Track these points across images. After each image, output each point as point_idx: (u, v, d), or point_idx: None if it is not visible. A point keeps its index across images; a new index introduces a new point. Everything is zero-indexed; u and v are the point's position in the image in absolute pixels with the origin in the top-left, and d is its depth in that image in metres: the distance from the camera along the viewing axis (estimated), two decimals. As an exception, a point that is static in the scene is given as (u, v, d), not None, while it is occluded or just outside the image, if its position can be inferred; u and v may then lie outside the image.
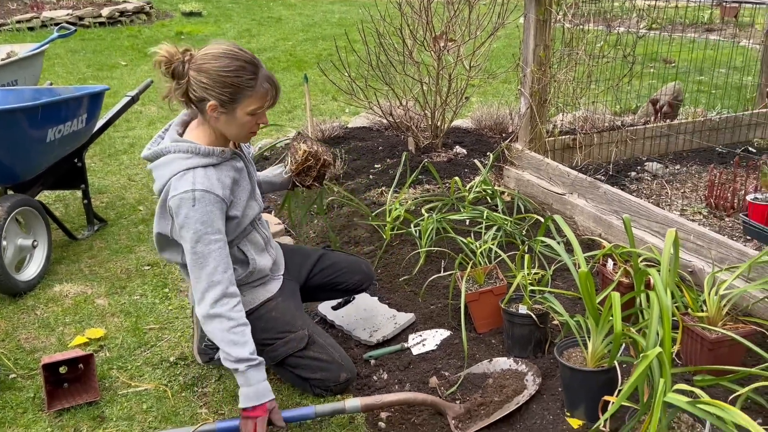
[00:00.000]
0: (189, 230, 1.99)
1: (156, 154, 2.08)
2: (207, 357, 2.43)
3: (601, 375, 1.92)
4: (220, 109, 2.00)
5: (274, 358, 2.23)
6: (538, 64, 3.34)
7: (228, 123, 2.04)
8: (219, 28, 10.79)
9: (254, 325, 2.10)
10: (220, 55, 1.99)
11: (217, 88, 1.97)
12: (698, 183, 3.96)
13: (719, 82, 6.45)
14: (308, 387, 2.25)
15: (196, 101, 2.02)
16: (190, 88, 2.00)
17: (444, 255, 2.93)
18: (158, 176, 2.07)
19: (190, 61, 1.99)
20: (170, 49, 2.00)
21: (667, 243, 1.86)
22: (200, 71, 1.97)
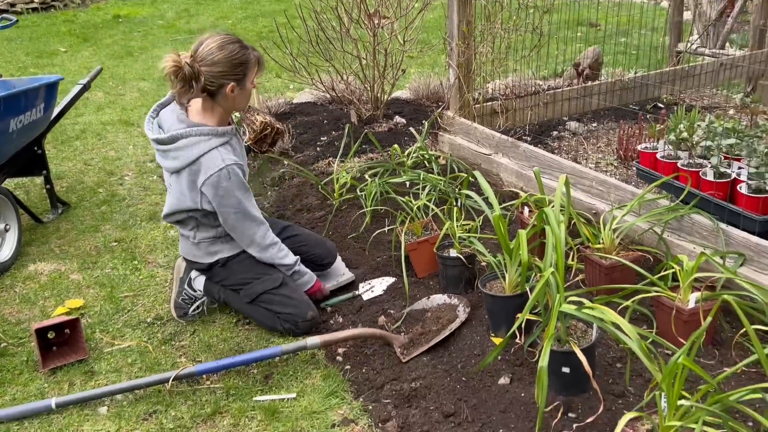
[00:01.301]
0: (231, 198, 2.48)
1: (174, 138, 2.46)
2: (182, 311, 2.75)
3: (517, 299, 2.32)
4: (237, 88, 2.44)
5: (251, 295, 2.61)
6: (462, 38, 3.69)
7: (241, 97, 2.50)
8: (157, 9, 10.77)
9: (235, 268, 2.57)
10: (222, 44, 2.39)
11: (232, 71, 2.39)
12: (612, 138, 4.42)
13: (639, 42, 6.94)
14: (278, 322, 2.60)
15: (215, 90, 2.43)
16: (207, 83, 2.38)
17: (387, 214, 3.29)
18: (181, 156, 2.46)
19: (196, 61, 2.36)
20: (174, 57, 2.35)
21: (560, 184, 2.26)
22: (213, 64, 2.37)
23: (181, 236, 2.76)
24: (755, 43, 5.15)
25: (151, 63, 7.45)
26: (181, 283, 2.74)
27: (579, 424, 1.97)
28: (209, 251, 2.67)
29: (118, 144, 5.04)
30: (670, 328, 2.18)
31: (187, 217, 2.63)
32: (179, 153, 2.47)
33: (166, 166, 2.56)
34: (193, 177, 2.49)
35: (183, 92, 2.43)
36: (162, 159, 2.58)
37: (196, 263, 2.74)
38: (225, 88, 2.43)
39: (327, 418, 2.20)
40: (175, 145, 2.47)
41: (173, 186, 2.59)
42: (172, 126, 2.51)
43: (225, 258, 2.68)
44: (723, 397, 1.61)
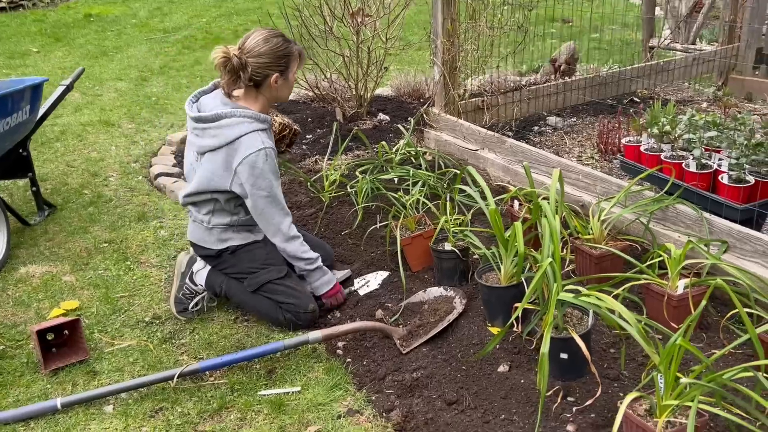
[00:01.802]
0: (265, 180, 2.55)
1: (218, 116, 2.54)
2: (181, 306, 2.78)
3: (513, 289, 2.40)
4: (281, 78, 2.61)
5: (255, 284, 2.68)
6: (447, 36, 3.77)
7: (284, 87, 2.66)
8: (129, 8, 10.64)
9: (243, 257, 2.64)
10: (267, 37, 2.56)
11: (276, 62, 2.57)
12: (591, 132, 4.53)
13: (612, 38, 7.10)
14: (279, 312, 2.66)
15: (261, 80, 2.58)
16: (253, 73, 2.54)
17: (379, 210, 3.34)
18: (222, 135, 2.54)
19: (243, 53, 2.53)
20: (224, 49, 2.52)
21: (554, 179, 2.35)
22: (260, 55, 2.53)
23: (193, 222, 2.78)
24: (725, 39, 5.32)
25: (127, 63, 7.38)
26: (182, 277, 2.77)
27: (578, 407, 2.05)
28: (221, 238, 2.71)
29: (99, 145, 5.00)
30: (660, 314, 2.28)
31: (209, 199, 2.67)
32: (221, 131, 2.55)
33: (203, 144, 2.60)
34: (230, 157, 2.55)
35: (230, 82, 2.58)
36: (198, 138, 2.62)
37: (204, 249, 2.76)
38: (270, 79, 2.59)
39: (333, 409, 2.25)
40: (218, 123, 2.55)
41: (204, 166, 2.62)
42: (216, 107, 2.61)
43: (235, 246, 2.73)
44: (717, 376, 1.71)
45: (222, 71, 2.55)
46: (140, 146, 4.94)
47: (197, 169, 2.67)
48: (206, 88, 2.76)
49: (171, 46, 8.06)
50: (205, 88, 2.76)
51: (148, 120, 5.51)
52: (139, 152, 4.82)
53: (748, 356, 2.19)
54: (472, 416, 2.11)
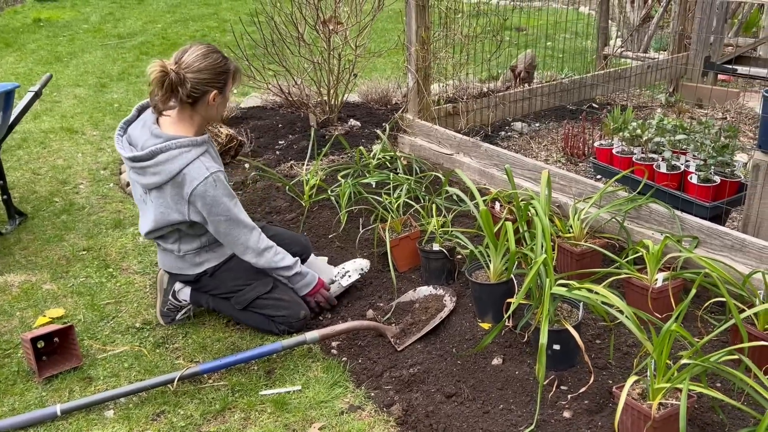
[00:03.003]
0: (220, 205, 2.49)
1: (153, 153, 2.44)
2: (169, 318, 2.78)
3: (502, 286, 2.52)
4: (219, 96, 2.51)
5: (243, 302, 2.65)
6: (420, 43, 3.88)
7: (221, 105, 2.56)
8: (79, 13, 10.41)
9: (226, 275, 2.57)
10: (206, 53, 2.46)
11: (216, 78, 2.47)
12: (556, 137, 4.73)
13: (565, 46, 7.37)
14: (272, 326, 2.67)
15: (198, 96, 2.46)
16: (192, 90, 2.43)
17: (361, 213, 3.42)
18: (163, 171, 2.45)
19: (181, 68, 2.41)
20: (161, 63, 2.38)
21: (543, 180, 2.48)
22: (200, 71, 2.43)
23: (162, 251, 2.72)
24: (675, 47, 5.63)
25: (83, 69, 7.24)
26: (165, 294, 2.75)
27: (572, 395, 2.17)
28: (195, 262, 2.67)
29: (65, 152, 4.91)
30: (640, 306, 2.43)
31: (171, 230, 2.61)
32: (160, 168, 2.45)
33: (145, 182, 2.50)
34: (178, 189, 2.47)
35: (164, 99, 2.43)
36: (139, 176, 2.52)
37: (181, 276, 2.72)
38: (208, 96, 2.47)
39: (335, 406, 2.31)
40: (155, 161, 2.44)
41: (154, 202, 2.54)
42: (148, 141, 2.48)
43: (213, 267, 2.69)
44: (705, 359, 1.85)
45: (157, 87, 2.39)
46: (107, 153, 4.88)
47: (148, 204, 2.58)
48: (130, 116, 2.63)
49: (128, 52, 7.94)
50: (129, 117, 2.64)
51: (112, 127, 5.43)
52: (107, 159, 4.76)
53: (723, 343, 2.36)
54: (472, 407, 2.21)
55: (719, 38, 5.30)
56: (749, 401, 2.06)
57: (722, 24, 5.34)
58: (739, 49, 5.45)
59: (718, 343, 2.36)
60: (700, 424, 2.03)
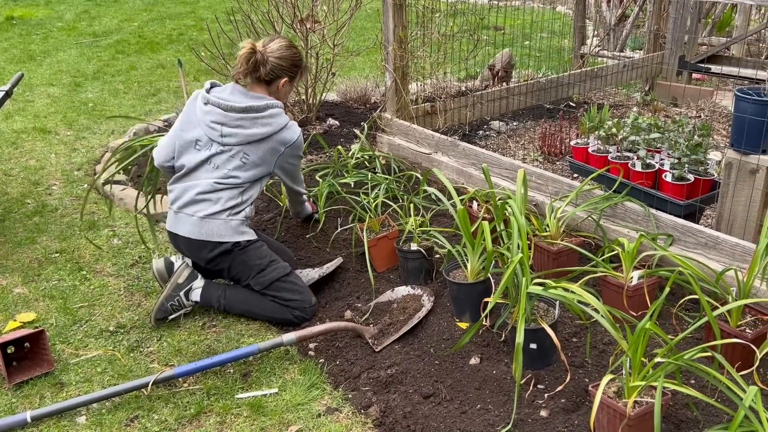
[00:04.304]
0: (298, 157, 2.93)
1: (268, 105, 2.76)
2: (163, 314, 2.75)
3: (480, 285, 2.52)
4: (288, 83, 2.87)
5: (264, 282, 2.75)
6: (398, 42, 3.87)
7: (287, 92, 2.92)
8: (53, 11, 10.25)
9: (252, 253, 2.76)
10: (289, 46, 2.85)
11: (290, 68, 2.83)
12: (533, 135, 4.75)
13: (542, 45, 7.41)
14: (287, 312, 2.74)
15: (272, 78, 2.81)
16: (270, 71, 2.77)
17: (339, 213, 3.40)
18: (274, 122, 2.76)
19: (267, 51, 2.77)
20: (252, 43, 2.76)
21: (519, 179, 2.48)
22: (281, 58, 2.79)
23: (204, 219, 2.73)
24: (650, 47, 5.68)
25: (57, 67, 7.12)
26: (177, 288, 2.73)
27: (549, 393, 2.18)
28: (239, 231, 2.76)
29: (37, 153, 4.83)
30: (616, 304, 2.44)
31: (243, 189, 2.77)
32: (272, 120, 2.75)
33: (252, 133, 2.72)
34: (276, 143, 2.76)
35: (244, 73, 2.77)
36: (241, 127, 2.72)
37: (217, 243, 2.72)
38: (280, 80, 2.82)
39: (312, 408, 2.30)
40: (269, 113, 2.75)
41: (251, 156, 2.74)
42: (251, 100, 2.76)
43: (247, 241, 2.77)
44: (679, 356, 1.86)
45: (243, 62, 2.74)
46: (81, 153, 4.80)
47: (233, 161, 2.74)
48: (205, 88, 2.83)
49: (103, 51, 7.83)
50: (205, 88, 2.83)
51: (86, 126, 5.35)
52: (81, 160, 4.68)
53: (697, 340, 2.38)
54: (449, 407, 2.21)
55: (693, 38, 5.36)
56: (723, 398, 2.09)
57: (696, 23, 5.41)
58: (712, 49, 5.51)
59: (692, 340, 2.38)
60: (675, 421, 2.04)
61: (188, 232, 2.76)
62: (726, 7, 6.87)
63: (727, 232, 2.73)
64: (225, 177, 2.73)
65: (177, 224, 2.79)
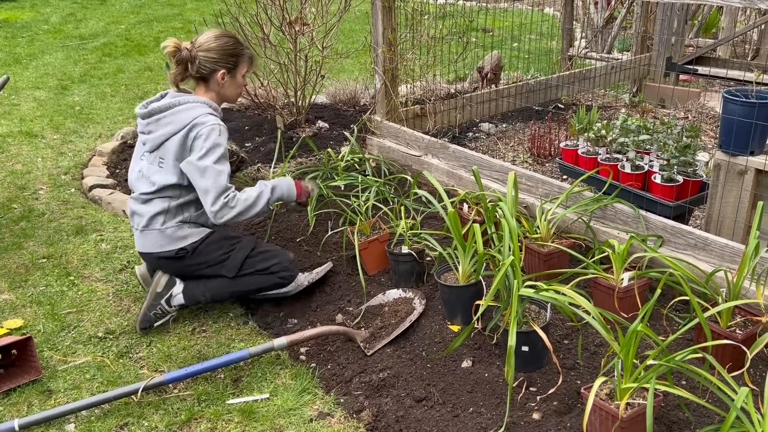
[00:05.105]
0: (214, 153, 2.58)
1: (172, 104, 2.63)
2: (147, 324, 2.72)
3: (471, 288, 2.51)
4: (228, 75, 2.70)
5: (234, 267, 2.72)
6: (387, 45, 3.86)
7: (230, 86, 2.75)
8: (39, 14, 10.16)
9: (209, 248, 2.68)
10: (219, 36, 2.71)
11: (224, 59, 2.67)
12: (522, 137, 4.76)
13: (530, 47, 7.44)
14: (275, 278, 2.75)
15: (207, 74, 2.68)
16: (201, 66, 2.65)
17: (329, 216, 3.39)
18: (178, 120, 2.60)
19: (194, 47, 2.66)
20: (175, 41, 2.66)
21: (509, 182, 2.48)
22: (209, 50, 2.66)
23: (142, 233, 2.72)
24: (638, 48, 5.71)
25: (43, 70, 7.06)
26: (157, 297, 2.71)
27: (542, 396, 2.18)
28: (177, 236, 2.70)
29: (24, 157, 4.78)
30: (607, 306, 2.45)
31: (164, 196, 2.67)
32: (175, 117, 2.61)
33: (159, 134, 2.62)
34: (184, 138, 2.59)
35: (179, 73, 2.69)
36: (151, 134, 2.64)
37: (162, 254, 2.70)
38: (216, 74, 2.68)
39: (303, 413, 2.28)
40: (172, 110, 2.62)
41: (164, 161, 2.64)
42: (177, 97, 2.67)
43: (193, 244, 2.72)
44: (670, 358, 1.87)
45: (171, 61, 2.67)
46: (68, 158, 4.76)
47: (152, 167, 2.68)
48: (154, 98, 2.75)
49: (90, 54, 7.77)
50: (153, 99, 2.75)
51: (73, 130, 5.30)
52: (68, 164, 4.64)
53: (688, 341, 2.39)
54: (442, 411, 2.20)
55: (680, 39, 5.39)
56: (714, 398, 2.09)
57: (683, 25, 5.44)
58: (699, 50, 5.55)
59: (683, 341, 2.39)
60: (667, 423, 2.05)
61: (138, 245, 2.79)
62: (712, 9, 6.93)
63: (717, 233, 2.75)
64: (151, 185, 2.68)
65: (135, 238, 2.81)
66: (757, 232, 2.22)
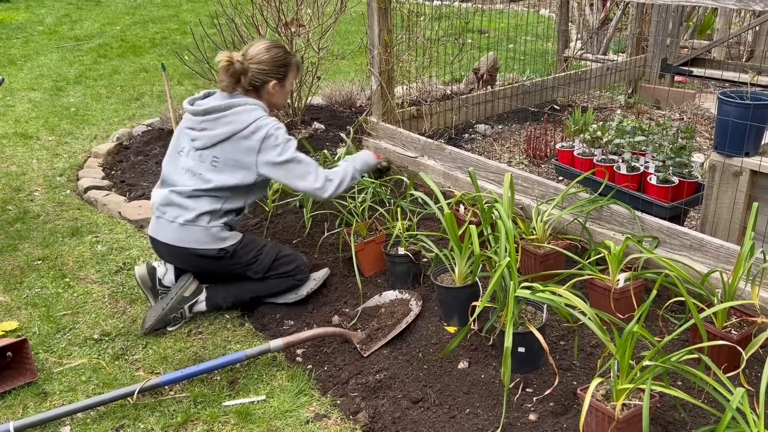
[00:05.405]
0: (291, 146, 2.71)
1: (231, 105, 2.68)
2: (163, 324, 2.73)
3: (468, 289, 2.51)
4: (278, 86, 2.79)
5: (263, 269, 2.80)
6: (383, 46, 3.86)
7: (280, 94, 2.85)
8: (34, 14, 10.14)
9: (242, 250, 2.78)
10: (269, 47, 2.78)
11: (275, 70, 2.76)
12: (518, 139, 4.76)
13: (526, 48, 7.45)
14: (290, 279, 2.83)
15: (259, 85, 2.75)
16: (253, 78, 2.72)
17: (325, 218, 3.39)
18: (239, 120, 2.67)
19: (246, 59, 2.72)
20: (228, 54, 2.71)
21: (506, 183, 2.48)
22: (261, 63, 2.73)
23: (183, 226, 2.71)
24: (633, 50, 5.73)
25: (38, 72, 7.04)
26: (183, 301, 2.72)
27: (538, 397, 2.18)
28: (220, 236, 2.74)
29: (19, 158, 4.76)
30: (603, 307, 2.45)
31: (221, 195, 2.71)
32: (236, 117, 2.66)
33: (216, 133, 2.66)
34: (245, 140, 2.66)
35: (231, 85, 2.73)
36: (205, 130, 2.68)
37: (201, 251, 2.71)
38: (268, 85, 2.76)
39: (300, 415, 2.28)
40: (233, 111, 2.67)
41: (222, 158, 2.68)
42: (216, 101, 2.71)
43: (234, 245, 2.77)
44: (666, 359, 1.87)
45: (224, 74, 2.71)
46: (64, 159, 4.75)
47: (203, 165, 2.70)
48: (198, 95, 2.82)
49: (85, 55, 7.76)
50: (197, 96, 2.83)
51: (69, 132, 5.29)
52: (63, 165, 4.63)
53: (684, 342, 2.40)
54: (438, 412, 2.20)
55: (675, 41, 5.41)
56: (710, 399, 2.10)
57: (678, 27, 5.46)
58: (694, 51, 5.57)
59: (679, 342, 2.39)
60: (663, 423, 2.05)
61: (168, 238, 2.75)
62: (707, 11, 6.95)
63: (712, 234, 2.76)
64: (204, 182, 2.70)
65: (158, 230, 2.77)
66: (752, 233, 2.23)
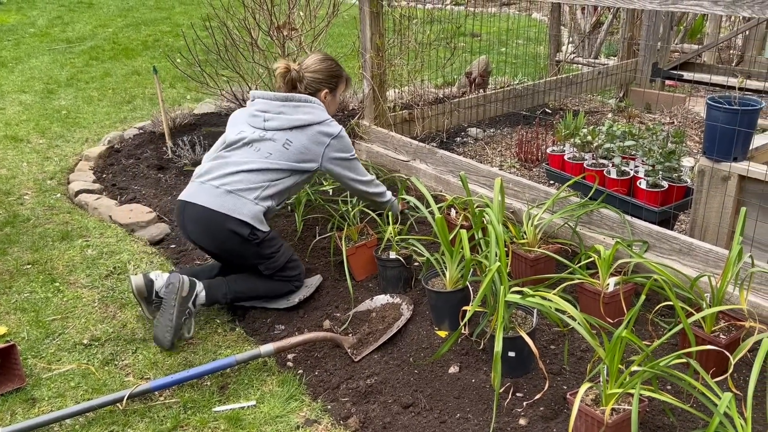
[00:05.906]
0: (352, 151, 2.97)
1: (308, 99, 2.88)
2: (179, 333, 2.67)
3: (458, 293, 2.52)
4: (330, 95, 3.00)
5: (274, 268, 2.84)
6: (375, 50, 3.87)
7: (331, 102, 3.03)
8: (25, 16, 10.09)
9: (268, 242, 2.81)
10: (324, 59, 3.02)
11: (328, 79, 2.97)
12: (510, 142, 4.78)
13: (518, 52, 7.47)
14: (289, 284, 2.88)
15: (312, 93, 2.95)
16: (308, 86, 2.94)
17: (317, 222, 3.38)
18: (315, 113, 2.86)
19: (302, 68, 2.95)
20: (285, 63, 2.94)
21: (496, 187, 2.49)
22: (315, 72, 2.96)
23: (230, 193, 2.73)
24: (624, 53, 5.75)
25: (29, 74, 7.01)
26: (184, 301, 2.66)
27: (528, 402, 2.18)
28: (259, 217, 2.78)
29: (9, 162, 4.74)
30: (593, 311, 2.46)
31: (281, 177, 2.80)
32: (313, 110, 2.86)
33: (296, 118, 2.81)
34: (319, 133, 2.83)
35: (287, 91, 2.93)
36: (283, 113, 2.83)
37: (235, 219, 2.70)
38: (320, 93, 2.96)
39: (290, 420, 2.27)
40: (310, 104, 2.87)
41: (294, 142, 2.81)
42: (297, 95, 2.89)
43: (264, 232, 2.79)
44: (655, 364, 1.88)
45: (281, 80, 2.94)
46: (54, 162, 4.73)
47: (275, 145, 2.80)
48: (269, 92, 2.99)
49: (77, 57, 7.73)
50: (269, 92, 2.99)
51: (59, 135, 5.27)
52: (54, 169, 4.61)
53: (673, 346, 2.41)
54: (429, 417, 2.20)
55: (666, 45, 5.44)
56: (698, 403, 2.11)
57: (668, 31, 5.49)
58: (684, 56, 5.60)
59: (668, 346, 2.40)
60: (652, 428, 2.06)
61: (207, 201, 2.73)
62: (697, 16, 6.99)
63: (701, 238, 2.77)
64: (264, 158, 2.78)
65: (196, 194, 2.78)
66: (740, 238, 2.24)
